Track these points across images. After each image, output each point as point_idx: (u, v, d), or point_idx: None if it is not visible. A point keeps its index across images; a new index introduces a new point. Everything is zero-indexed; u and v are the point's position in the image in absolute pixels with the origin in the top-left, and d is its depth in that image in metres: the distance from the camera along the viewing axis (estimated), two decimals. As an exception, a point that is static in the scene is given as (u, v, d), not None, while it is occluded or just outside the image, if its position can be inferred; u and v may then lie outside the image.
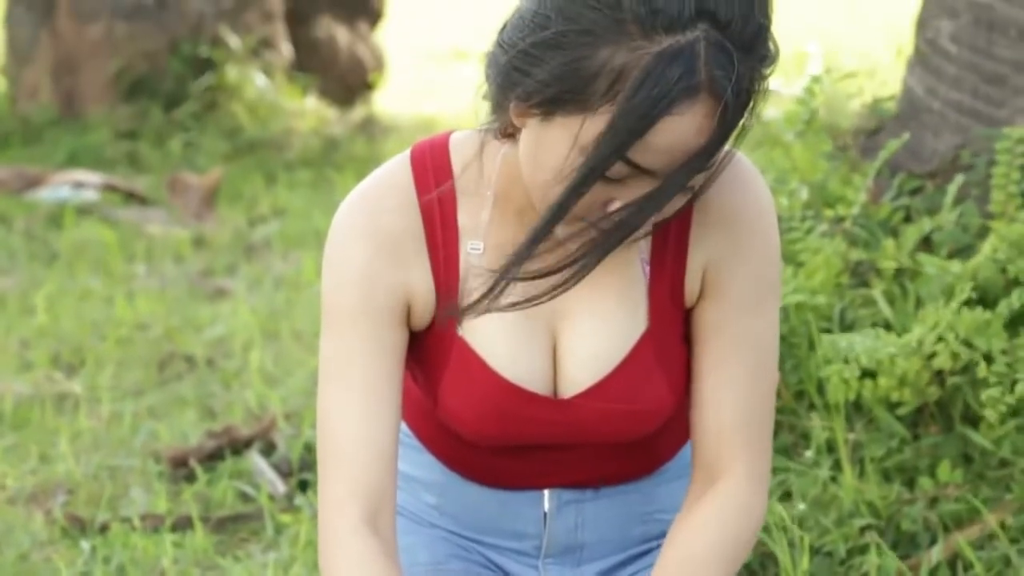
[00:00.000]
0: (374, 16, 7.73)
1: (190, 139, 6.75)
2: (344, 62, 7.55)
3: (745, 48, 1.73)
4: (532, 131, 1.82)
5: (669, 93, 1.72)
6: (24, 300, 4.81)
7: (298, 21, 7.38)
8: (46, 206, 5.96)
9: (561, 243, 1.85)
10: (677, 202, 1.85)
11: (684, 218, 1.98)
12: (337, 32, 7.54)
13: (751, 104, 1.77)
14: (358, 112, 7.47)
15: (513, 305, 1.89)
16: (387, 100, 7.86)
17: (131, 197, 6.13)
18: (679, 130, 1.74)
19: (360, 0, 7.66)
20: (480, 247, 1.98)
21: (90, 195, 6.09)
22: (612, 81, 1.73)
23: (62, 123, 6.94)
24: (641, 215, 1.80)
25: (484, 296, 1.88)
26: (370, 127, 7.24)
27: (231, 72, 6.95)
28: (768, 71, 1.78)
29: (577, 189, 1.78)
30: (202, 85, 6.92)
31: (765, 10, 1.75)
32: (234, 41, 6.98)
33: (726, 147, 1.81)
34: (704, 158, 1.77)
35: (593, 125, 1.75)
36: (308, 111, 7.14)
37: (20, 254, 5.41)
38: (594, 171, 1.76)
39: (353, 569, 1.91)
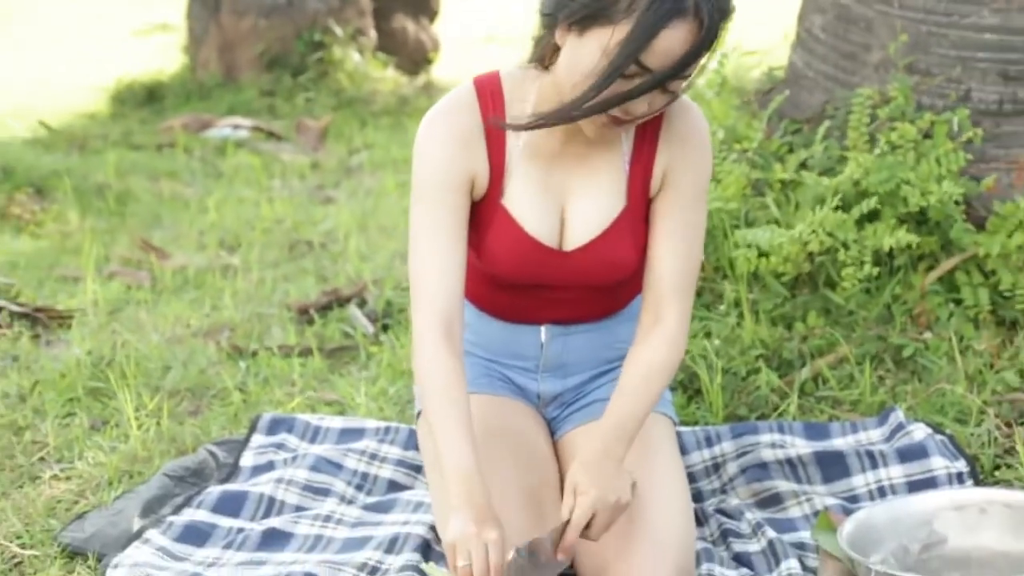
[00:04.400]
0: (432, 13, 7.64)
1: (309, 96, 6.70)
2: (412, 45, 7.47)
3: None
4: (570, 46, 1.82)
5: (669, 11, 1.73)
6: (200, 204, 4.81)
7: (381, 16, 7.30)
8: (214, 141, 5.93)
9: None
10: (661, 101, 1.85)
11: (654, 134, 1.98)
12: (407, 24, 7.45)
13: (717, 36, 1.78)
14: (421, 79, 7.40)
15: (531, 126, 1.88)
16: (441, 71, 7.79)
17: (271, 135, 6.10)
18: (673, 39, 1.75)
19: (423, 2, 7.58)
20: (519, 143, 1.98)
21: (243, 134, 6.06)
22: (631, 1, 1.74)
23: (224, 86, 6.89)
24: (631, 95, 1.79)
25: (523, 124, 1.88)
26: (429, 89, 7.18)
27: (336, 51, 6.89)
28: (729, 17, 1.80)
29: (605, 81, 1.78)
30: (317, 60, 6.87)
31: None
32: (338, 30, 6.92)
33: (693, 78, 1.83)
34: (687, 64, 1.78)
35: (617, 34, 1.75)
36: (388, 78, 7.08)
37: (198, 173, 5.39)
38: (617, 68, 1.76)
39: (435, 363, 1.90)
